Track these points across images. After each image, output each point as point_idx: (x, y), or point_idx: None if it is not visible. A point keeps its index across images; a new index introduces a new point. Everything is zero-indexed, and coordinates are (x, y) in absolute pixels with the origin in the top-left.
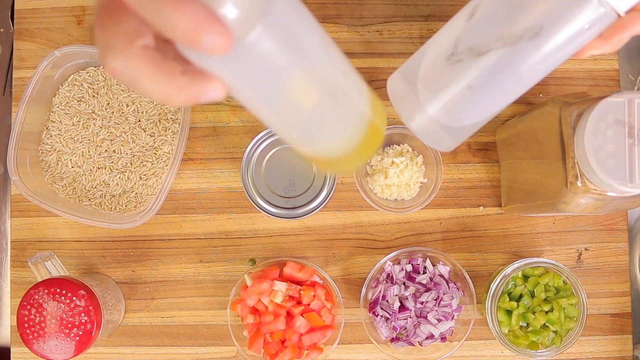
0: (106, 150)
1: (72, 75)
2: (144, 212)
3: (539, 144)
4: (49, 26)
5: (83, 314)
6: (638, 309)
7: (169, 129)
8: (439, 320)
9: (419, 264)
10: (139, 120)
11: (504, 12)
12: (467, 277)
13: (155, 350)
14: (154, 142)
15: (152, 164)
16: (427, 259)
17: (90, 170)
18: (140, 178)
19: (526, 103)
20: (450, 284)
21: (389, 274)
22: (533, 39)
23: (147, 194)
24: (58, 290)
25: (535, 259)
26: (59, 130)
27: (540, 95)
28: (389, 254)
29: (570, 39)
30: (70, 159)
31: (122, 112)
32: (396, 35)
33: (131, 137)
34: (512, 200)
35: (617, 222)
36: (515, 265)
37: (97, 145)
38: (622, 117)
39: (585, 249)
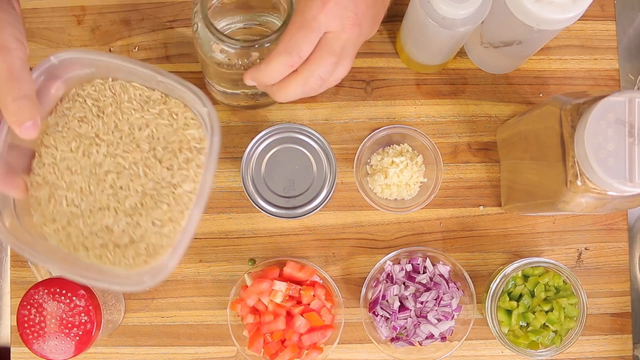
0: (111, 186)
1: (74, 90)
2: (155, 271)
3: (539, 144)
4: (49, 26)
5: (83, 314)
6: (638, 309)
7: (191, 161)
8: (439, 320)
9: (418, 264)
10: (154, 148)
11: None
12: (467, 276)
13: (155, 350)
14: (172, 178)
15: (169, 206)
16: (427, 259)
17: (90, 210)
18: (153, 224)
19: (526, 103)
20: (450, 284)
21: (388, 273)
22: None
23: (162, 246)
24: (58, 290)
25: (535, 259)
26: (54, 157)
27: (541, 95)
28: (388, 253)
29: None
30: (66, 195)
31: (133, 137)
32: (396, 34)
33: (143, 170)
34: (512, 199)
35: (617, 222)
36: (515, 264)
37: (99, 179)
38: (622, 116)
39: (585, 249)
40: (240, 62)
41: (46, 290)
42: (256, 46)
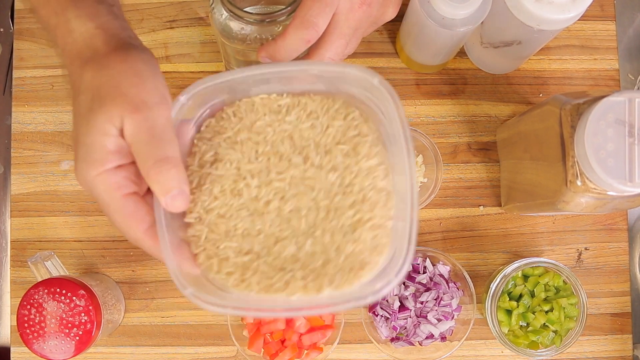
0: (278, 215)
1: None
2: (375, 273)
3: (539, 144)
4: None
5: (83, 314)
6: (638, 309)
7: (357, 153)
8: (439, 320)
9: (418, 264)
10: (308, 157)
11: None
12: (467, 276)
13: (155, 350)
14: (343, 179)
15: (353, 208)
16: (427, 259)
17: (267, 248)
18: (344, 235)
19: (526, 103)
20: (450, 284)
21: None
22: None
23: (362, 250)
24: (58, 290)
25: (535, 259)
26: (197, 212)
27: (540, 95)
28: None
29: None
30: (231, 246)
31: (281, 155)
32: (396, 34)
33: (307, 184)
34: (512, 199)
35: (617, 222)
36: (515, 265)
37: (261, 213)
38: (622, 116)
39: (585, 249)
40: (253, 36)
41: (46, 290)
42: (267, 20)
